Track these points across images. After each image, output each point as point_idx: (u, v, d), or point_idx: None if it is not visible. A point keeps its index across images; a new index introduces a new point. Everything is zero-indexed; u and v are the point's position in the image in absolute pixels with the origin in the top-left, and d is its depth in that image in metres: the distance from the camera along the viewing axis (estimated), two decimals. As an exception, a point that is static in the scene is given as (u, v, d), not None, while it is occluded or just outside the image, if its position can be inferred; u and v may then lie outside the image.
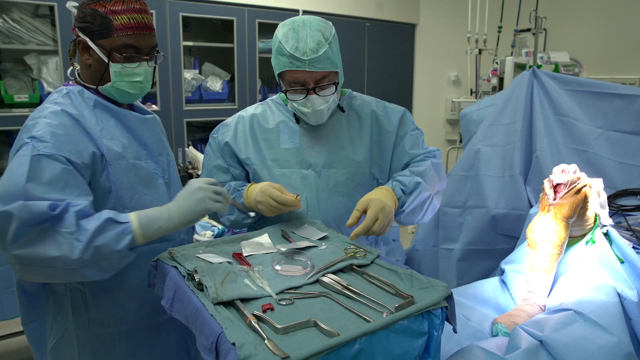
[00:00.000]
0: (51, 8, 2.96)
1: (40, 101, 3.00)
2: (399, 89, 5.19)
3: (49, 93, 2.93)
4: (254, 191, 1.39)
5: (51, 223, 1.05)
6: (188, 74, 3.68)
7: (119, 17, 1.20)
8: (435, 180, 1.49)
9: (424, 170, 1.45)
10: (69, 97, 1.26)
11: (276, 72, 1.39)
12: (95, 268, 1.10)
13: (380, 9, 4.76)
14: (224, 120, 1.59)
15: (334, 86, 1.37)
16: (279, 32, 1.35)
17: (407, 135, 1.53)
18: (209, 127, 4.20)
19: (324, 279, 1.05)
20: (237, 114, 1.59)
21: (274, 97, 1.59)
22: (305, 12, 4.11)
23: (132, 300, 1.30)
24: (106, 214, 1.11)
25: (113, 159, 1.23)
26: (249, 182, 1.54)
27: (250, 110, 1.57)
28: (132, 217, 1.14)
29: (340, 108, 1.51)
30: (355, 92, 1.59)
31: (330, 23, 1.40)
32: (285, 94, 1.40)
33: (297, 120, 1.49)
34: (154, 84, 1.35)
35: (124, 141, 1.28)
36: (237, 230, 2.45)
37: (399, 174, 1.48)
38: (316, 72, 1.32)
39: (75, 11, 1.26)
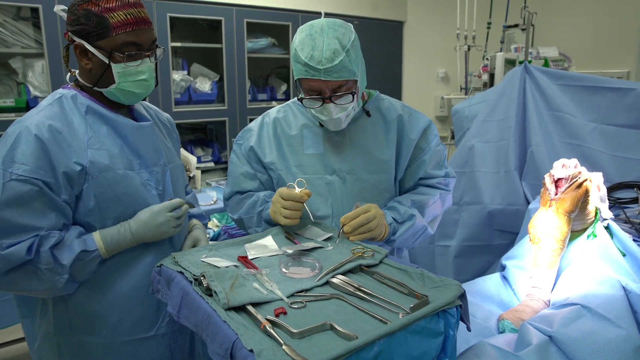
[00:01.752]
0: (35, 10, 2.88)
1: (27, 105, 2.93)
2: (388, 87, 5.19)
3: (35, 97, 2.92)
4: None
5: (30, 264, 1.12)
6: (177, 75, 3.63)
7: (115, 15, 1.13)
8: (436, 211, 1.51)
9: (427, 202, 1.45)
10: (59, 103, 1.20)
11: (295, 78, 1.35)
12: (75, 283, 1.22)
13: (368, 7, 4.75)
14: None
15: (352, 95, 1.31)
16: (297, 38, 1.30)
17: (431, 151, 1.49)
18: (199, 128, 4.13)
19: (334, 280, 1.03)
20: (260, 117, 1.55)
21: (296, 99, 1.54)
22: (294, 11, 4.08)
23: (114, 311, 1.26)
24: (77, 246, 1.16)
25: (98, 171, 1.18)
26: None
27: (272, 113, 1.52)
28: (99, 243, 1.19)
29: (366, 112, 1.46)
30: (383, 95, 1.54)
31: (351, 27, 1.32)
32: (301, 101, 1.35)
33: (321, 123, 1.44)
34: (157, 81, 1.28)
35: (114, 150, 1.22)
36: (233, 232, 2.43)
37: (397, 200, 1.45)
38: (332, 81, 1.27)
39: (64, 15, 1.19)
